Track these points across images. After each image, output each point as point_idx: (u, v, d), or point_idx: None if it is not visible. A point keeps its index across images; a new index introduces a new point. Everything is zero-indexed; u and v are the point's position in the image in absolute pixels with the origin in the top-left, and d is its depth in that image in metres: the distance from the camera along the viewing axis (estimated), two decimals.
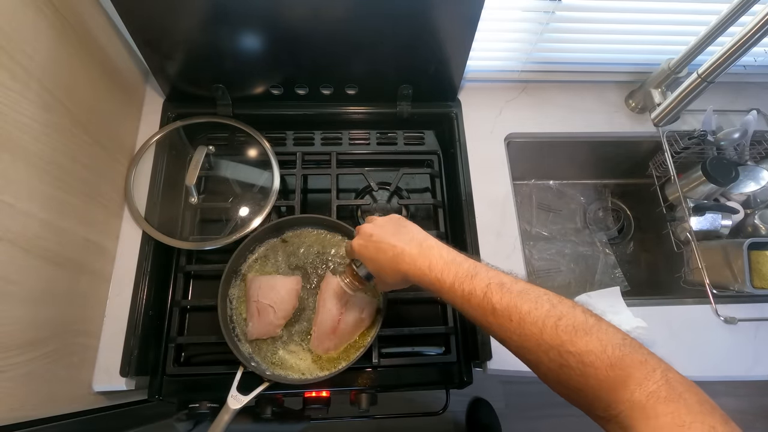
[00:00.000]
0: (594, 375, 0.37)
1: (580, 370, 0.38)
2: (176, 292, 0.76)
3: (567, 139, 0.93)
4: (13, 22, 0.51)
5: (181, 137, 0.85)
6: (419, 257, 0.49)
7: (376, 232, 0.53)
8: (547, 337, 0.39)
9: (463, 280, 0.45)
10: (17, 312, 0.52)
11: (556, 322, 0.40)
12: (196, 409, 0.67)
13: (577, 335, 0.39)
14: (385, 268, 0.52)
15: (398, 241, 0.51)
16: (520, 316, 0.41)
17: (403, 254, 0.50)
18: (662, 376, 0.36)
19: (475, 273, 0.46)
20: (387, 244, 0.51)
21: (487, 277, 0.45)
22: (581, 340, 0.38)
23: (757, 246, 0.78)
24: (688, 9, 0.80)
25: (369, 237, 0.54)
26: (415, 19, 0.71)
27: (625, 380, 0.36)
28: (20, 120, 0.52)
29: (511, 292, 0.43)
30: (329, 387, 0.71)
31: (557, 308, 0.41)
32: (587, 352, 0.38)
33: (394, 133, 0.91)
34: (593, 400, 0.38)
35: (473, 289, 0.44)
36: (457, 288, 0.45)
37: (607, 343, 0.38)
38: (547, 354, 0.39)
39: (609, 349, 0.37)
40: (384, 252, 0.51)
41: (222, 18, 0.69)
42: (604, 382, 0.37)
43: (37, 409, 0.55)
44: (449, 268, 0.47)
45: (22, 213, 0.52)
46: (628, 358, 0.37)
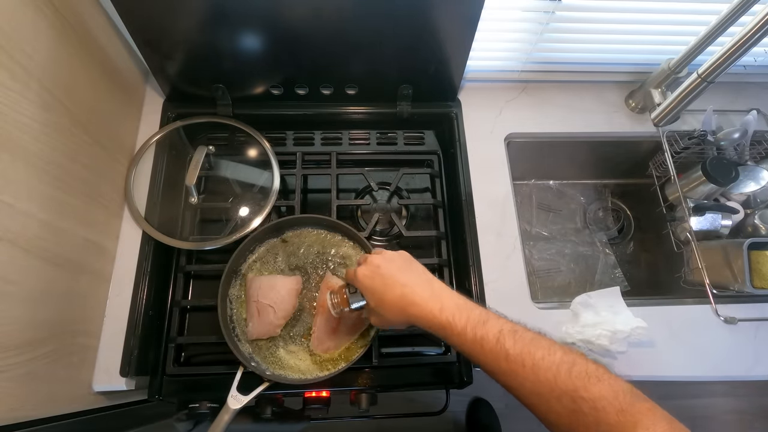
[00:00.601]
0: (605, 420, 0.38)
1: (593, 416, 0.39)
2: (176, 292, 0.76)
3: (567, 139, 0.93)
4: (12, 21, 0.51)
5: (181, 137, 0.85)
6: (430, 299, 0.49)
7: (385, 266, 0.53)
8: (561, 383, 0.40)
9: (476, 324, 0.46)
10: (17, 312, 0.52)
11: (569, 369, 0.41)
12: (196, 409, 0.67)
13: (590, 382, 0.40)
14: (388, 304, 0.51)
15: (408, 280, 0.51)
16: (534, 362, 0.42)
17: (413, 294, 0.50)
18: (668, 425, 0.38)
19: (487, 319, 0.46)
20: (396, 280, 0.51)
21: (499, 323, 0.46)
22: (594, 386, 0.40)
23: (757, 246, 0.78)
24: (688, 9, 0.80)
25: (376, 268, 0.53)
26: (415, 19, 0.71)
27: (634, 425, 0.38)
28: (20, 120, 0.52)
29: (524, 339, 0.44)
30: (329, 387, 0.71)
31: (569, 356, 0.42)
32: (600, 398, 0.39)
33: (394, 133, 0.91)
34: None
35: (485, 334, 0.45)
36: (469, 332, 0.45)
37: (618, 390, 0.39)
38: (560, 400, 0.40)
39: (620, 396, 0.39)
40: (391, 288, 0.51)
41: (222, 18, 0.69)
42: (615, 427, 0.38)
43: (37, 409, 0.55)
44: (461, 312, 0.47)
45: (21, 213, 0.52)
46: (638, 405, 0.39)
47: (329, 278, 0.69)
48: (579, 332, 0.71)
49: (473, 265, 0.76)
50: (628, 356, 0.71)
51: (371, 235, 0.82)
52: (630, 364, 0.71)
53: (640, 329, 0.69)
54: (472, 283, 0.75)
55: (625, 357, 0.71)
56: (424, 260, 0.81)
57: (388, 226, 0.87)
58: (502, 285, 0.76)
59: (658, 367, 0.72)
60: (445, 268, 0.80)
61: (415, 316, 0.49)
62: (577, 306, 0.73)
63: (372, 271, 0.53)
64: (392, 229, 0.86)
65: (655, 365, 0.72)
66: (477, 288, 0.75)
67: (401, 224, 0.82)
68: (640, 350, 0.72)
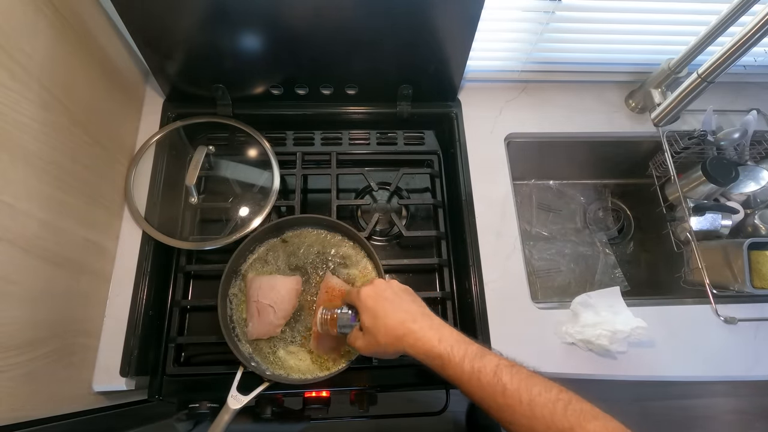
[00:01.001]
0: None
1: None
2: (176, 292, 0.76)
3: (567, 139, 0.93)
4: (12, 21, 0.51)
5: (181, 137, 0.85)
6: (430, 329, 0.50)
7: (390, 292, 0.54)
8: (558, 420, 0.41)
9: (473, 357, 0.46)
10: (17, 312, 0.52)
11: (565, 406, 0.41)
12: (196, 409, 0.67)
13: (586, 419, 0.40)
14: (386, 328, 0.51)
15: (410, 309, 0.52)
16: (531, 397, 0.42)
17: (413, 323, 0.50)
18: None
19: (485, 353, 0.47)
20: (398, 307, 0.52)
21: (496, 358, 0.46)
22: (590, 424, 0.40)
23: (757, 246, 0.78)
24: (688, 9, 0.80)
25: (382, 291, 0.54)
26: (414, 19, 0.71)
27: None
28: (19, 119, 0.52)
29: (520, 374, 0.44)
30: (329, 387, 0.71)
31: (565, 394, 0.43)
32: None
33: (394, 133, 0.91)
34: None
35: (483, 367, 0.45)
36: (467, 364, 0.46)
37: (612, 429, 0.40)
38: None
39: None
40: (392, 313, 0.52)
41: (222, 18, 0.69)
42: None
43: (37, 409, 0.55)
44: (459, 345, 0.48)
45: (21, 213, 0.52)
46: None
47: (329, 278, 0.69)
48: (579, 332, 0.71)
49: (473, 265, 0.76)
50: (628, 356, 0.71)
51: (371, 235, 0.82)
52: (630, 364, 0.71)
53: (640, 329, 0.69)
54: (472, 283, 0.75)
55: (625, 357, 0.71)
56: (424, 260, 0.83)
57: (388, 226, 0.87)
58: (502, 285, 0.76)
59: (658, 367, 0.72)
60: (445, 268, 0.80)
61: (411, 344, 0.50)
62: (577, 306, 0.73)
63: (377, 294, 0.54)
64: (392, 229, 0.86)
65: (655, 365, 0.72)
66: (477, 288, 0.75)
67: (401, 224, 0.82)
68: (640, 350, 0.72)
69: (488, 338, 0.71)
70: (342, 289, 0.66)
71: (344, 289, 0.65)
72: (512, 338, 0.72)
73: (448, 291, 0.79)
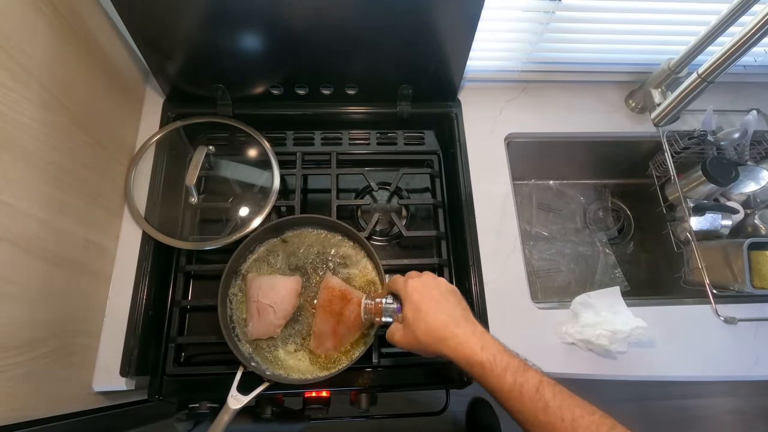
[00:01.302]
0: None
1: None
2: (176, 292, 0.76)
3: (567, 139, 0.93)
4: (12, 21, 0.51)
5: (181, 137, 0.85)
6: (473, 335, 0.49)
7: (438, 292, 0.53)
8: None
9: (516, 370, 0.46)
10: (16, 312, 0.52)
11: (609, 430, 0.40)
12: (196, 409, 0.67)
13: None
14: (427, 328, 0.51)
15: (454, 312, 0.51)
16: (573, 417, 0.42)
17: (457, 327, 0.50)
18: None
19: (527, 368, 0.46)
20: (443, 308, 0.51)
21: (539, 375, 0.46)
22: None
23: (757, 246, 0.78)
24: (688, 9, 0.80)
25: (430, 289, 0.53)
26: (415, 19, 0.71)
27: None
28: (19, 119, 0.52)
29: (563, 393, 0.44)
30: (329, 387, 0.71)
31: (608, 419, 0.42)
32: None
33: (394, 133, 0.91)
34: None
35: (525, 381, 0.45)
36: (509, 376, 0.45)
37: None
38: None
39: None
40: (436, 313, 0.51)
41: (222, 17, 0.69)
42: None
43: (37, 409, 0.55)
44: (502, 356, 0.47)
45: (21, 213, 0.52)
46: None
47: (329, 278, 0.69)
48: (579, 332, 0.71)
49: (473, 265, 0.76)
50: (628, 356, 0.71)
51: (371, 235, 0.82)
52: (630, 364, 0.71)
53: (640, 329, 0.69)
54: (472, 283, 0.75)
55: (625, 357, 0.71)
56: (424, 260, 0.82)
57: (388, 226, 0.87)
58: (502, 285, 0.76)
59: (658, 367, 0.72)
60: (445, 268, 0.80)
61: (453, 348, 0.49)
62: (577, 306, 0.73)
63: (424, 290, 0.53)
64: (392, 229, 0.86)
65: (655, 365, 0.72)
66: (477, 288, 0.75)
67: (401, 224, 0.82)
68: (640, 350, 0.72)
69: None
70: (342, 289, 0.66)
71: (344, 288, 0.65)
72: (512, 338, 0.71)
73: None
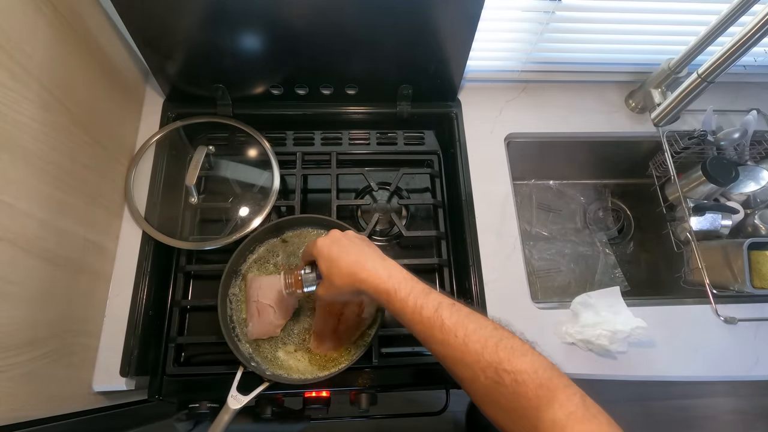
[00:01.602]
0: (524, 394, 0.40)
1: (513, 388, 0.41)
2: (176, 292, 0.76)
3: (567, 139, 0.93)
4: (12, 21, 0.51)
5: (181, 137, 0.85)
6: (381, 267, 0.52)
7: (345, 239, 0.56)
8: (488, 355, 0.43)
9: (418, 294, 0.48)
10: (17, 312, 0.52)
11: (497, 343, 0.43)
12: (196, 409, 0.67)
13: (514, 355, 0.42)
14: (339, 269, 0.53)
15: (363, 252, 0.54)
16: (466, 333, 0.44)
17: (366, 261, 0.52)
18: (581, 400, 0.39)
19: (430, 291, 0.49)
20: (352, 250, 0.54)
21: (440, 297, 0.48)
22: (518, 360, 0.42)
23: (757, 246, 0.78)
24: (688, 9, 0.80)
25: (338, 240, 0.56)
26: (415, 19, 0.71)
27: (550, 401, 0.39)
28: (19, 119, 0.52)
29: (460, 312, 0.46)
30: (329, 387, 0.71)
31: (499, 331, 0.45)
32: (521, 371, 0.41)
33: (394, 133, 0.91)
34: (521, 419, 0.41)
35: (426, 303, 0.47)
36: (411, 300, 0.48)
37: (539, 366, 0.41)
38: (485, 372, 0.42)
39: (539, 371, 0.41)
40: (346, 255, 0.53)
41: (222, 17, 0.69)
42: (533, 400, 0.40)
43: (37, 409, 0.55)
44: (407, 283, 0.50)
45: (21, 213, 0.52)
46: (555, 381, 0.40)
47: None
48: (579, 332, 0.71)
49: (473, 265, 0.76)
50: (628, 356, 0.71)
51: (371, 235, 0.82)
52: (630, 364, 0.71)
53: (640, 329, 0.69)
54: (472, 283, 0.75)
55: (625, 357, 0.71)
56: (424, 260, 0.82)
57: (388, 226, 0.87)
58: (502, 285, 0.76)
59: (658, 367, 0.72)
60: (445, 268, 0.80)
61: (363, 280, 0.51)
62: (577, 306, 0.73)
63: (332, 241, 0.56)
64: (392, 229, 0.86)
65: (655, 365, 0.72)
66: (477, 288, 0.75)
67: (401, 224, 0.82)
68: (640, 350, 0.72)
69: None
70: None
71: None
72: None
73: (448, 291, 0.79)
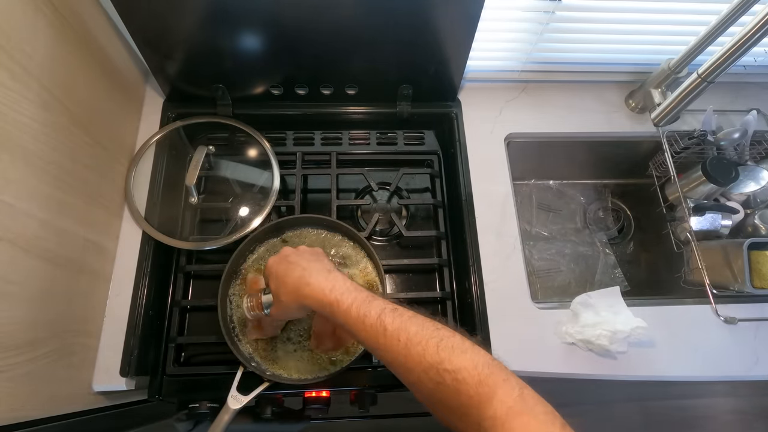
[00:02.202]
0: (465, 392, 0.40)
1: (454, 387, 0.41)
2: (176, 292, 0.76)
3: (567, 139, 0.93)
4: (12, 21, 0.51)
5: (181, 137, 0.85)
6: (324, 281, 0.51)
7: (294, 255, 0.56)
8: (429, 356, 0.42)
9: (360, 304, 0.48)
10: (17, 312, 0.52)
11: (438, 343, 0.43)
12: (196, 409, 0.67)
13: (454, 354, 0.42)
14: (286, 286, 0.53)
15: (309, 266, 0.54)
16: (408, 336, 0.44)
17: (310, 276, 0.52)
18: (519, 393, 0.39)
19: (373, 299, 0.49)
20: (298, 265, 0.54)
21: (383, 303, 0.48)
22: (458, 358, 0.42)
23: (757, 246, 0.78)
24: (688, 9, 0.80)
25: (286, 257, 0.56)
26: (415, 19, 0.71)
27: (490, 397, 0.39)
28: (20, 120, 0.52)
29: (402, 316, 0.46)
30: (329, 387, 0.71)
31: (440, 331, 0.44)
32: (461, 369, 0.41)
33: (394, 133, 0.91)
34: (465, 417, 0.40)
35: (368, 312, 0.47)
36: (353, 310, 0.48)
37: (478, 362, 0.41)
38: (427, 373, 0.42)
39: (479, 367, 0.41)
40: (293, 271, 0.53)
41: (222, 18, 0.69)
42: (474, 398, 0.39)
43: (37, 409, 0.55)
44: (350, 294, 0.50)
45: (21, 213, 0.52)
46: (494, 377, 0.40)
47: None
48: (579, 332, 0.71)
49: (473, 265, 0.76)
50: (628, 356, 0.71)
51: (371, 235, 0.82)
52: (630, 364, 0.71)
53: (640, 329, 0.69)
54: (472, 283, 0.75)
55: (625, 357, 0.71)
56: (424, 260, 0.82)
57: (388, 226, 0.87)
58: (502, 285, 0.76)
59: (658, 367, 0.72)
60: (445, 268, 0.80)
61: (306, 295, 0.51)
62: (577, 306, 0.73)
63: (280, 258, 0.56)
64: (392, 229, 0.86)
65: (655, 365, 0.72)
66: (477, 288, 0.75)
67: (401, 224, 0.82)
68: (640, 350, 0.72)
69: (488, 338, 0.71)
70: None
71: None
72: (512, 338, 0.72)
73: (448, 291, 0.79)
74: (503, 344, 0.71)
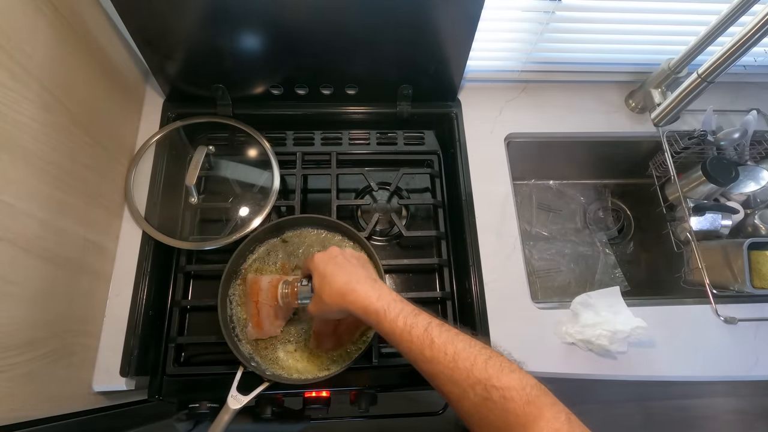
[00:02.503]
0: (513, 410, 0.41)
1: (501, 404, 0.41)
2: (176, 292, 0.76)
3: (567, 139, 0.93)
4: (12, 21, 0.51)
5: (181, 137, 0.85)
6: (371, 288, 0.53)
7: (341, 257, 0.57)
8: (477, 371, 0.43)
9: (407, 315, 0.49)
10: (17, 312, 0.52)
11: (486, 360, 0.44)
12: (196, 409, 0.67)
13: (503, 372, 0.43)
14: (331, 288, 0.54)
15: (356, 272, 0.55)
16: (455, 351, 0.45)
17: (357, 282, 0.53)
18: (566, 418, 0.40)
19: (419, 312, 0.50)
20: (345, 269, 0.55)
21: (429, 317, 0.49)
22: (506, 377, 0.42)
23: (757, 246, 0.78)
24: (688, 9, 0.80)
25: (334, 257, 0.57)
26: (415, 19, 0.71)
27: (536, 418, 0.40)
28: (20, 120, 0.52)
29: (449, 332, 0.48)
30: (329, 387, 0.71)
31: (487, 350, 0.46)
32: (510, 388, 0.41)
33: (394, 133, 0.91)
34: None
35: (415, 323, 0.48)
36: (400, 320, 0.49)
37: (526, 383, 0.42)
38: (474, 388, 0.43)
39: (527, 388, 0.41)
40: (339, 274, 0.54)
41: (222, 17, 0.69)
42: (521, 417, 0.40)
43: (37, 409, 0.55)
44: (396, 304, 0.51)
45: (21, 213, 0.52)
46: (543, 398, 0.41)
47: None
48: (579, 332, 0.71)
49: (473, 265, 0.76)
50: (628, 356, 0.71)
51: (371, 235, 0.82)
52: (630, 364, 0.71)
53: (640, 329, 0.69)
54: (472, 283, 0.75)
55: (625, 357, 0.71)
56: (424, 260, 0.82)
57: (388, 226, 0.87)
58: (502, 285, 0.76)
59: (658, 367, 0.72)
60: (445, 268, 0.80)
61: (352, 301, 0.52)
62: (577, 306, 0.73)
63: (329, 257, 0.57)
64: (392, 229, 0.86)
65: (655, 365, 0.72)
66: (477, 288, 0.75)
67: (401, 224, 0.82)
68: (640, 350, 0.72)
69: (488, 338, 0.71)
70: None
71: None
72: (512, 338, 0.72)
73: (448, 291, 0.79)
74: (503, 344, 0.70)
